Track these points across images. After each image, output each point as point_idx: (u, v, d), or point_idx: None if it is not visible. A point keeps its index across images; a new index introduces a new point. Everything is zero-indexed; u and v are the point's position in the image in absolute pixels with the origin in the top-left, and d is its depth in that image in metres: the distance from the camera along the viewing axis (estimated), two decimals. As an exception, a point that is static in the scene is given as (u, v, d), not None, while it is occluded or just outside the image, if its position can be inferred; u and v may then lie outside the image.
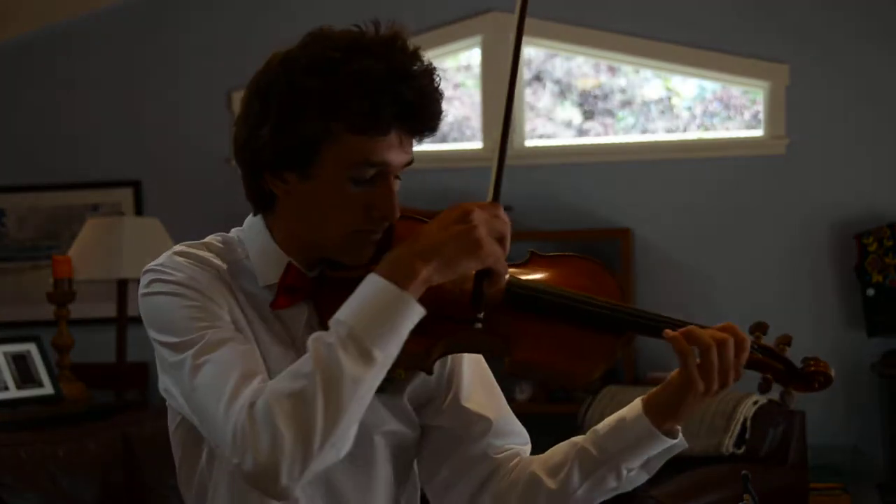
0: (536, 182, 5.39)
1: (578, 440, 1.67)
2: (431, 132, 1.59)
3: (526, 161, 5.43)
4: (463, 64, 5.74)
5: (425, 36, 5.34)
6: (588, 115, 5.64)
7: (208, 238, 1.67)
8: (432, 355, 1.55)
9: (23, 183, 5.91)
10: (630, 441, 1.61)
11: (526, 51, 5.55)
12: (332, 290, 1.55)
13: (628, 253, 5.23)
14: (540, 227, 5.33)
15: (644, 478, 1.65)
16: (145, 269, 1.60)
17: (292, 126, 1.54)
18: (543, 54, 5.63)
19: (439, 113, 1.58)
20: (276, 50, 1.60)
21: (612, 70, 5.62)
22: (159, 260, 1.60)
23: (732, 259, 5.29)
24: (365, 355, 1.42)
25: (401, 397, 1.67)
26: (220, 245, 1.65)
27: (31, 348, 4.46)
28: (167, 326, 1.55)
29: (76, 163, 5.89)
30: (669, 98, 5.57)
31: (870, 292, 4.96)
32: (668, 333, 1.55)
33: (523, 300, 1.59)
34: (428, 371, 1.57)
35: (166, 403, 1.65)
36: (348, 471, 1.62)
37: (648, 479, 1.67)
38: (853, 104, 5.21)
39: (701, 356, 1.54)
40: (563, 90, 5.65)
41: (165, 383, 1.58)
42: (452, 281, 1.49)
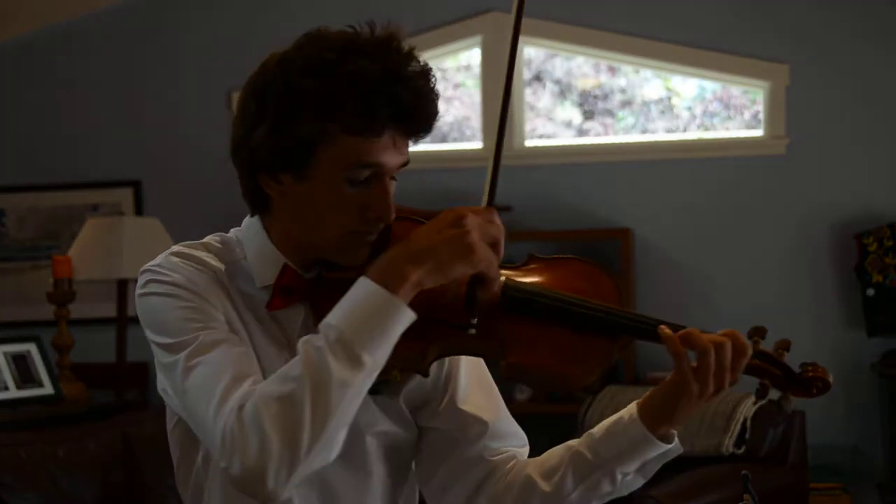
0: (536, 182, 5.39)
1: (574, 444, 1.66)
2: (427, 133, 1.58)
3: (526, 161, 5.43)
4: (463, 64, 5.74)
5: (425, 36, 5.34)
6: (588, 115, 5.64)
7: (207, 238, 1.67)
8: (427, 358, 1.54)
9: (23, 183, 5.91)
10: (624, 446, 1.60)
11: (526, 51, 5.55)
12: (329, 291, 1.54)
13: (628, 253, 5.22)
14: (540, 228, 5.32)
15: (640, 482, 1.64)
16: (142, 270, 1.60)
17: (288, 127, 1.54)
18: (543, 54, 5.63)
19: (435, 114, 1.57)
20: (273, 51, 1.60)
21: (612, 70, 5.61)
22: (156, 260, 1.60)
23: (732, 259, 5.28)
24: (354, 359, 1.41)
25: (396, 399, 1.67)
26: (219, 245, 1.65)
27: (31, 348, 4.46)
28: (162, 327, 1.55)
29: (76, 163, 5.89)
30: (669, 98, 5.57)
31: (870, 292, 4.96)
32: (664, 331, 1.54)
33: (519, 303, 1.58)
34: (424, 374, 1.56)
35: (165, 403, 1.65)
36: (342, 471, 1.62)
37: (648, 480, 1.66)
38: (853, 104, 5.20)
39: (697, 359, 1.52)
40: (563, 90, 5.65)
41: (163, 383, 1.59)
42: (447, 285, 1.49)
